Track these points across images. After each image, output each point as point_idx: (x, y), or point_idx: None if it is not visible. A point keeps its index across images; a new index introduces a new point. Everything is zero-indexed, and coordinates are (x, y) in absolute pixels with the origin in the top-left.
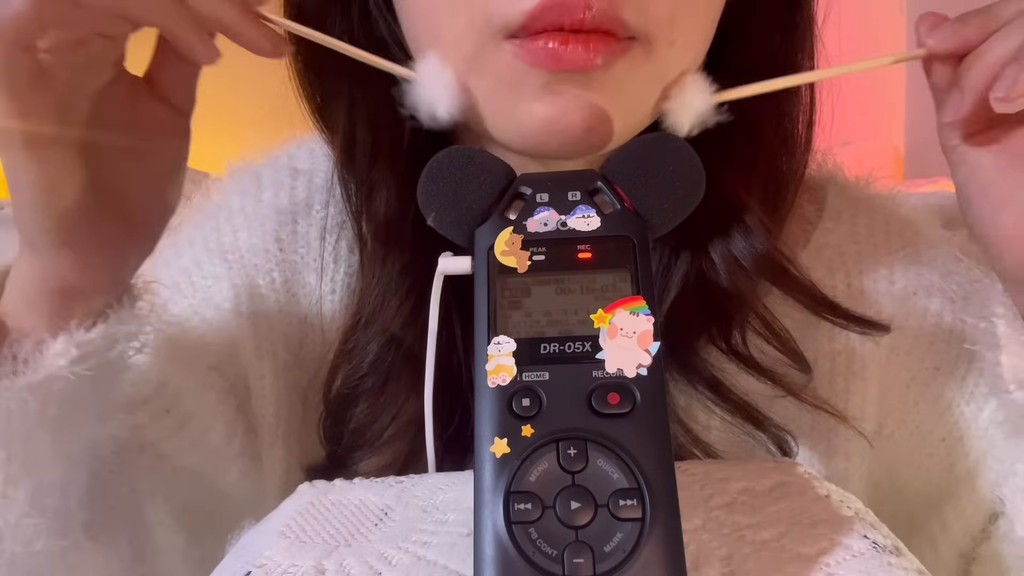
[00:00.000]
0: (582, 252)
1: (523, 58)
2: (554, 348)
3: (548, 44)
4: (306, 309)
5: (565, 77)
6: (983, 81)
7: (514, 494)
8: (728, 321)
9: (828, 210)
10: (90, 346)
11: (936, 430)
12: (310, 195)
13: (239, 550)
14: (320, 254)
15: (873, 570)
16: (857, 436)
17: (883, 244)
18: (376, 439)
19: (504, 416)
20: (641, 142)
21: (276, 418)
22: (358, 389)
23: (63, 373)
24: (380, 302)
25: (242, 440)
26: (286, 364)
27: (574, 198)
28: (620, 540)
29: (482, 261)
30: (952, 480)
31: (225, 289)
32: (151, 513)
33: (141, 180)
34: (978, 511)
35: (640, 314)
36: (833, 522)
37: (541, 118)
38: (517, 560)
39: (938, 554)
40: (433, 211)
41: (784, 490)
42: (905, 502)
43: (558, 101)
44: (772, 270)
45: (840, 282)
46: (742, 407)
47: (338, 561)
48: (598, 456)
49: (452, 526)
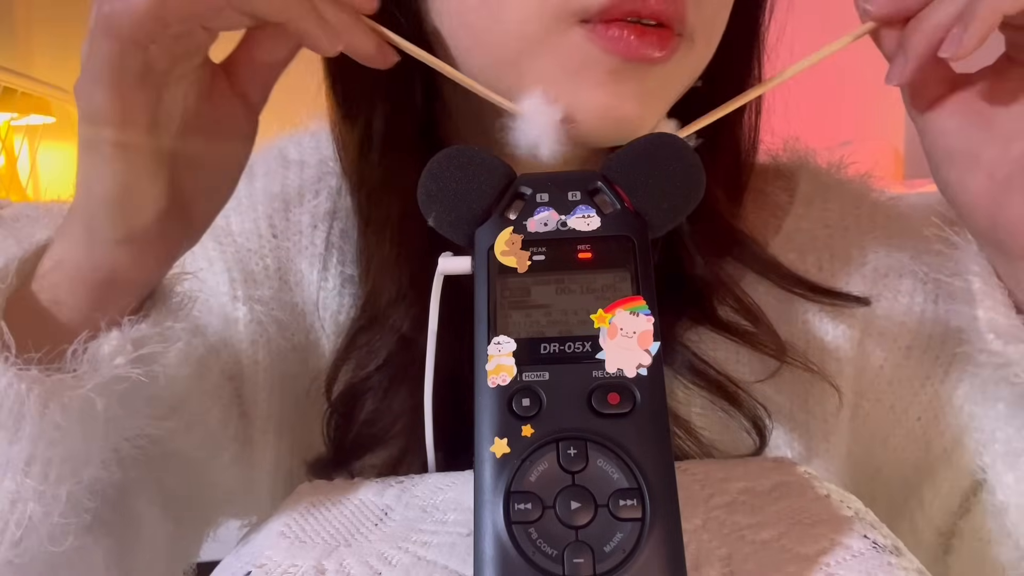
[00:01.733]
0: (582, 252)
1: (596, 43)
2: (554, 348)
3: (625, 33)
4: (299, 296)
5: (631, 66)
6: (925, 44)
7: (514, 494)
8: (702, 300)
9: (799, 196)
10: (145, 343)
11: (911, 409)
12: (302, 184)
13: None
14: (312, 241)
15: (873, 570)
16: (835, 419)
17: (854, 227)
18: (382, 437)
19: (504, 416)
20: (641, 142)
21: (269, 404)
22: (364, 387)
23: (128, 373)
24: (390, 302)
25: (236, 424)
26: (280, 350)
27: (574, 198)
28: (620, 540)
29: (482, 261)
30: (930, 459)
31: (219, 273)
32: (139, 503)
33: (207, 176)
34: (954, 489)
35: (640, 314)
36: (833, 522)
37: (602, 104)
38: (517, 560)
39: (917, 533)
40: (433, 211)
41: (784, 490)
42: (884, 483)
43: (620, 89)
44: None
45: (812, 266)
46: (718, 385)
47: (338, 561)
48: (598, 456)
49: (452, 526)
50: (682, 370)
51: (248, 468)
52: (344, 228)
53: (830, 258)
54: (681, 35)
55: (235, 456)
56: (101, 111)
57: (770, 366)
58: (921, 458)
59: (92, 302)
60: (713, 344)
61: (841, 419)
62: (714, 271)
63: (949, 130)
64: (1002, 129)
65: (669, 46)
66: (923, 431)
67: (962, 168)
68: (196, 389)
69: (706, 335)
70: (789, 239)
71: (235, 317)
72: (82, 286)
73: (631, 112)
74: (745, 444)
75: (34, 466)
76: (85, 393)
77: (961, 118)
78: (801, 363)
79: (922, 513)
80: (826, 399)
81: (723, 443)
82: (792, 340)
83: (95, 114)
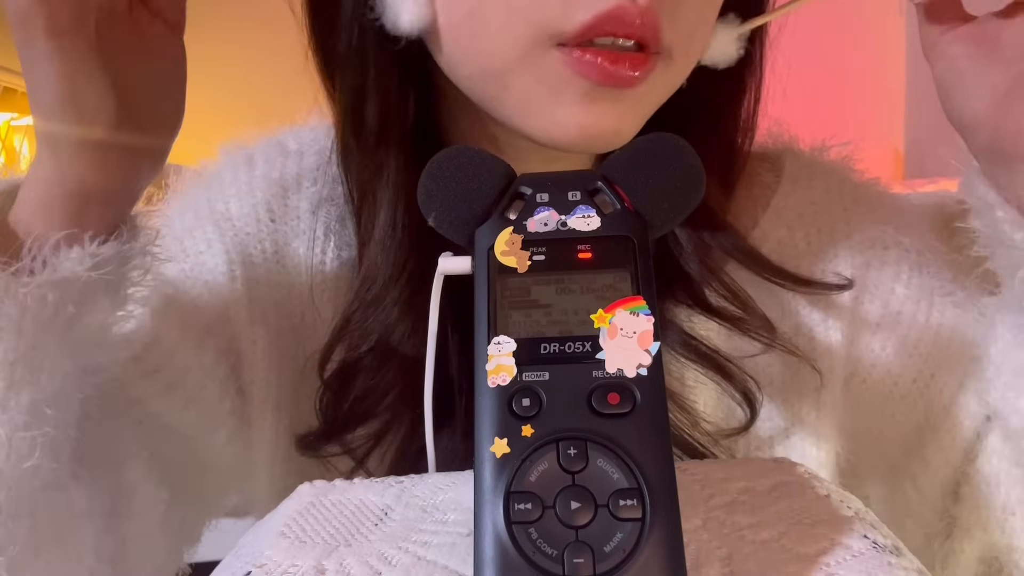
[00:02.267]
0: (582, 252)
1: (571, 66)
2: (554, 348)
3: (599, 60)
4: (296, 279)
5: (605, 90)
6: None
7: (514, 494)
8: (691, 286)
9: (786, 176)
10: (104, 257)
11: (907, 372)
12: (300, 172)
13: (239, 550)
14: (310, 226)
15: (873, 570)
16: (828, 390)
17: (838, 203)
18: (371, 411)
19: (504, 416)
20: (641, 142)
21: (267, 384)
22: (357, 366)
23: (82, 274)
24: (384, 285)
25: (233, 400)
26: (279, 330)
27: (574, 198)
28: (620, 540)
29: (482, 261)
30: (931, 417)
31: (218, 254)
32: (134, 470)
33: (146, 90)
34: (957, 440)
35: (640, 314)
36: (833, 522)
37: (579, 124)
38: (517, 560)
39: (921, 491)
40: (433, 211)
41: (784, 490)
42: (883, 449)
43: (595, 108)
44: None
45: (800, 240)
46: (709, 357)
47: (338, 561)
48: (598, 456)
49: (452, 526)
50: (673, 344)
51: (246, 449)
52: (342, 214)
53: (817, 232)
54: (658, 54)
55: (232, 434)
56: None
57: (759, 345)
58: (921, 418)
59: (65, 217)
60: (704, 325)
61: (833, 393)
62: (701, 258)
63: (959, 54)
64: (1007, 53)
65: (644, 67)
66: (920, 392)
67: (969, 88)
68: (195, 364)
69: (697, 317)
70: (778, 215)
71: (233, 297)
72: (55, 201)
73: (609, 128)
74: (736, 416)
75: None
76: (36, 288)
77: (970, 43)
78: (788, 348)
79: (925, 471)
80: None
81: (714, 416)
82: (780, 319)
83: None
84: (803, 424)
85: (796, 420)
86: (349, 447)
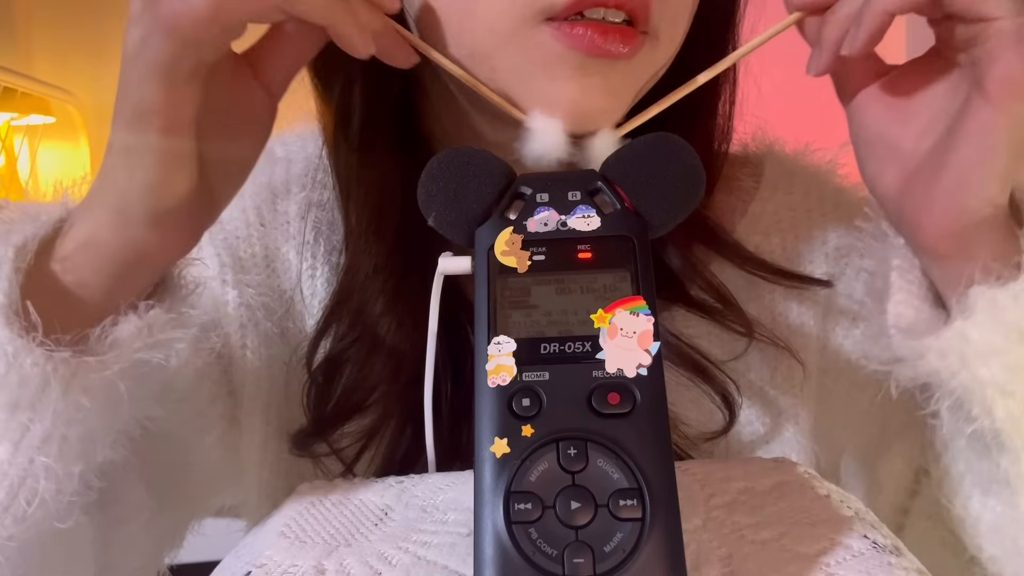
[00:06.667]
0: (582, 252)
1: (561, 40)
2: (554, 348)
3: (589, 32)
4: (286, 283)
5: (596, 61)
6: (834, 36)
7: (514, 494)
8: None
9: (765, 181)
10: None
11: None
12: (288, 178)
13: (239, 550)
14: (300, 230)
15: (873, 570)
16: (802, 394)
17: (817, 209)
18: (360, 405)
19: (504, 416)
20: (641, 142)
21: (257, 387)
22: (342, 357)
23: (148, 357)
24: (367, 276)
25: (224, 402)
26: (268, 334)
27: (574, 198)
28: (620, 540)
29: (482, 261)
30: (886, 437)
31: (208, 258)
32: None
33: (230, 161)
34: (908, 466)
35: (640, 314)
36: (833, 522)
37: (569, 98)
38: (517, 560)
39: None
40: (433, 211)
41: (784, 490)
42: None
43: (586, 83)
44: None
45: (776, 246)
46: (689, 359)
47: (338, 561)
48: (598, 456)
49: (452, 526)
50: None
51: (234, 452)
52: (332, 219)
53: (794, 239)
54: (646, 32)
55: (221, 436)
56: (151, 105)
57: (739, 346)
58: (876, 436)
59: (114, 282)
60: (685, 323)
61: (808, 395)
62: (684, 254)
63: (870, 121)
64: (918, 122)
65: (633, 43)
66: (879, 409)
67: (880, 159)
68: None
69: (679, 314)
70: (755, 221)
71: (224, 300)
72: (109, 265)
73: (598, 105)
74: (715, 420)
75: (51, 445)
76: (109, 376)
77: (883, 109)
78: (769, 338)
79: (879, 492)
80: (793, 375)
81: (695, 420)
82: (759, 318)
83: (144, 107)
84: (783, 429)
85: (775, 425)
86: (339, 447)
